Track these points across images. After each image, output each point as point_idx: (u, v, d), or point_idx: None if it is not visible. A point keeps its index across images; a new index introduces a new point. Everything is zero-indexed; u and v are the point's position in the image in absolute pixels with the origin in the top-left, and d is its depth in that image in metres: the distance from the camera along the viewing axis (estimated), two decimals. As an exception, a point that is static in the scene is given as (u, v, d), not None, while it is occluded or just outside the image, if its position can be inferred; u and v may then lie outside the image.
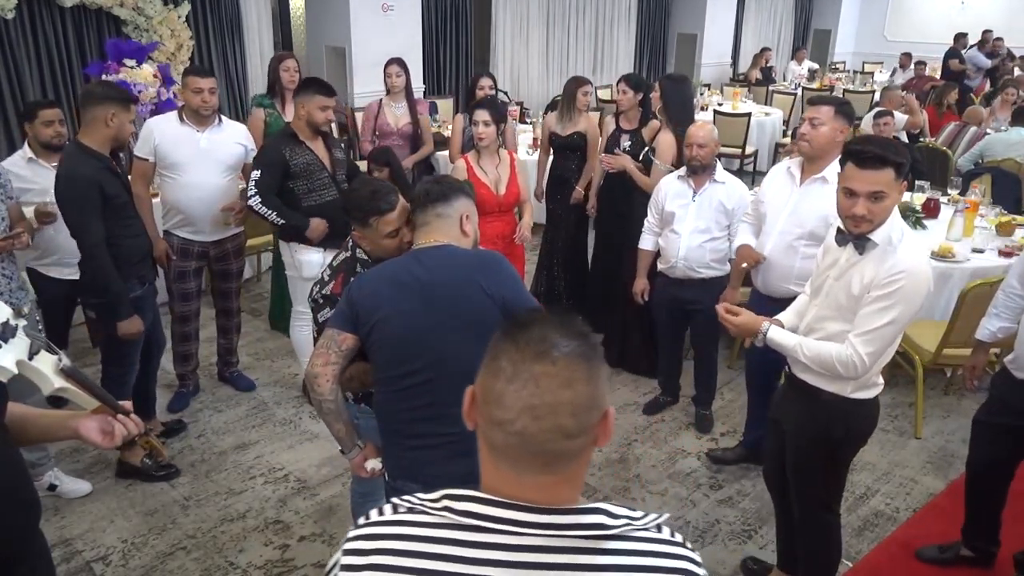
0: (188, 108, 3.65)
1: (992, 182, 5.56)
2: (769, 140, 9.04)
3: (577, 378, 0.92)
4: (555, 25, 10.47)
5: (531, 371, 0.91)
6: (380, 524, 0.99)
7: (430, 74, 9.19)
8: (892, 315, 2.10)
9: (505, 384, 0.92)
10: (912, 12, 14.73)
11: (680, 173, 3.65)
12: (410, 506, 0.98)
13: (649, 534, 0.97)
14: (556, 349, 0.92)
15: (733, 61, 13.08)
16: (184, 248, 3.73)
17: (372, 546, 0.96)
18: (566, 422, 0.91)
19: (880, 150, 2.06)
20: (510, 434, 0.91)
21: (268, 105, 4.44)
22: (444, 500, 0.95)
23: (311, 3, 8.39)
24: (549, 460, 0.93)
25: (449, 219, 2.02)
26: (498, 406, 0.92)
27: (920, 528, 3.16)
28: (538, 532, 0.92)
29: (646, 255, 3.84)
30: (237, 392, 4.14)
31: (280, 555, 2.98)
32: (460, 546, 0.93)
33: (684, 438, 3.84)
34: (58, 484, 3.25)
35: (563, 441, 0.91)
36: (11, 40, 5.94)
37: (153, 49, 6.08)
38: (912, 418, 3.94)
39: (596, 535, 0.93)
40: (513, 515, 0.92)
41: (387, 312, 1.92)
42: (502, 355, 0.94)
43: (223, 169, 3.71)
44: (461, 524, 0.93)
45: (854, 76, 11.74)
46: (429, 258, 1.96)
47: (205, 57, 7.11)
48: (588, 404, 0.93)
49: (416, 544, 0.94)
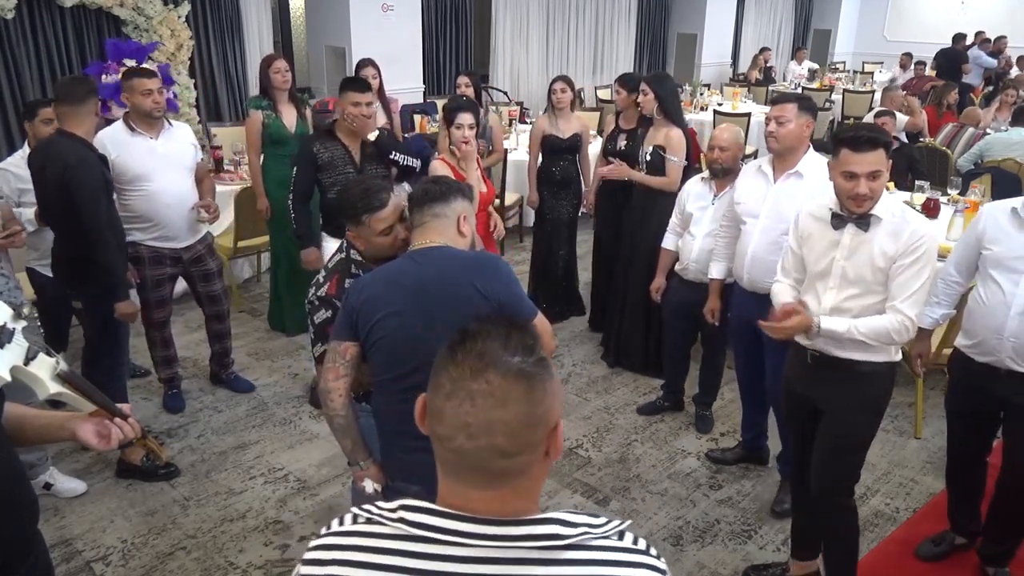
0: (137, 113, 3.49)
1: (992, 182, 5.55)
2: (769, 140, 9.02)
3: (513, 397, 0.89)
4: (555, 25, 10.47)
5: (467, 389, 0.90)
6: (339, 535, 0.99)
7: (430, 74, 9.19)
8: (925, 275, 2.31)
9: (444, 400, 0.91)
10: (912, 12, 14.73)
11: (704, 175, 3.65)
12: (368, 516, 0.98)
13: (609, 542, 0.95)
14: (494, 367, 0.90)
15: (733, 61, 13.08)
16: (155, 256, 3.63)
17: (329, 556, 0.97)
18: (500, 441, 0.89)
19: (870, 133, 2.29)
20: (448, 451, 0.92)
21: (265, 107, 4.41)
22: (400, 511, 0.95)
23: (311, 3, 8.40)
24: (489, 477, 0.92)
25: (446, 219, 2.01)
26: (438, 422, 0.92)
27: (920, 528, 3.16)
28: (489, 544, 0.91)
29: (667, 254, 3.83)
30: (238, 393, 4.14)
31: (280, 555, 2.98)
32: (413, 558, 0.93)
33: (684, 438, 3.84)
34: (53, 483, 3.25)
35: (499, 460, 0.90)
36: (11, 40, 5.94)
37: (153, 49, 6.08)
38: (912, 418, 3.95)
39: (550, 545, 0.91)
40: (464, 527, 0.92)
41: (384, 314, 1.93)
42: (443, 370, 0.93)
43: (184, 172, 3.64)
44: (414, 536, 0.93)
45: (854, 76, 11.74)
46: (425, 259, 1.96)
47: (205, 57, 7.11)
48: (525, 423, 0.90)
49: (371, 555, 0.95)
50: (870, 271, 2.34)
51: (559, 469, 3.54)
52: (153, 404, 4.00)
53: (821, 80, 11.08)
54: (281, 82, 4.41)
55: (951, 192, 5.29)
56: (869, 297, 2.37)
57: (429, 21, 8.96)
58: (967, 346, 2.69)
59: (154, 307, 3.76)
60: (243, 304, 5.18)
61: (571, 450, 3.71)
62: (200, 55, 7.04)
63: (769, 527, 3.20)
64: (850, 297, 2.39)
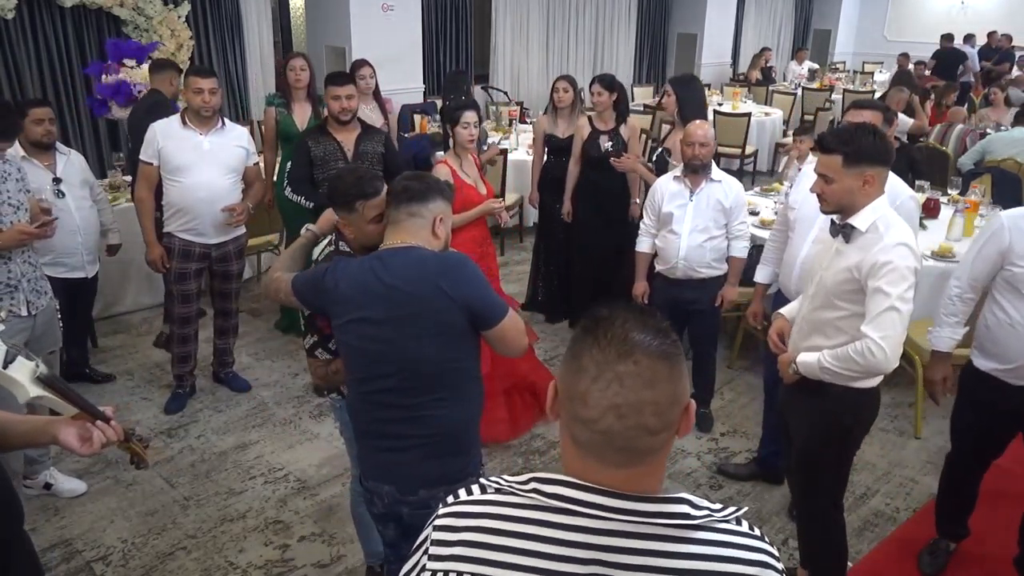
0: (190, 110, 3.66)
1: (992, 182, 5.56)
2: (769, 140, 9.04)
3: (660, 377, 0.93)
4: (555, 25, 10.47)
5: (615, 371, 0.92)
6: (470, 503, 1.01)
7: (430, 74, 9.18)
8: (890, 299, 2.14)
9: (589, 384, 0.93)
10: (912, 12, 14.72)
11: (676, 173, 3.65)
12: (498, 487, 1.00)
13: (730, 526, 0.98)
14: (638, 348, 0.93)
15: (733, 61, 13.07)
16: (185, 250, 3.73)
17: (463, 523, 0.99)
18: (650, 420, 0.93)
19: (830, 137, 2.23)
20: (595, 432, 0.93)
21: (279, 104, 4.49)
22: (533, 483, 0.98)
23: (311, 3, 8.39)
24: (633, 455, 0.95)
25: (422, 220, 1.99)
26: (583, 405, 0.94)
27: (920, 528, 3.16)
28: (625, 518, 0.93)
29: (644, 257, 3.82)
30: (236, 392, 4.14)
31: (280, 555, 2.98)
32: (549, 527, 0.95)
33: (684, 438, 3.84)
34: (54, 483, 3.25)
35: (647, 438, 0.94)
36: (11, 40, 5.94)
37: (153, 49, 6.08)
38: (912, 418, 3.94)
39: (681, 523, 0.94)
40: (601, 500, 0.94)
41: (351, 319, 1.94)
42: (584, 354, 0.95)
43: (226, 171, 3.72)
44: (550, 506, 0.96)
45: (854, 76, 11.74)
46: (394, 261, 1.93)
47: (205, 57, 7.11)
48: (670, 401, 0.94)
49: (507, 523, 0.97)
50: (832, 281, 2.26)
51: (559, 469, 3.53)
52: (152, 405, 4.01)
53: (821, 80, 11.08)
54: (294, 80, 4.47)
55: (951, 192, 5.30)
56: (826, 311, 2.29)
57: (429, 21, 8.96)
58: (998, 370, 2.56)
59: (178, 302, 3.83)
60: (243, 304, 5.18)
61: (571, 450, 3.71)
62: (200, 55, 7.04)
63: (769, 527, 3.19)
64: (815, 308, 2.35)
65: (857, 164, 2.17)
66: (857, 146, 2.17)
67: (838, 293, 2.25)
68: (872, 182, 2.19)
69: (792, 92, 10.16)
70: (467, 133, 3.58)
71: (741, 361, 4.57)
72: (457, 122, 3.60)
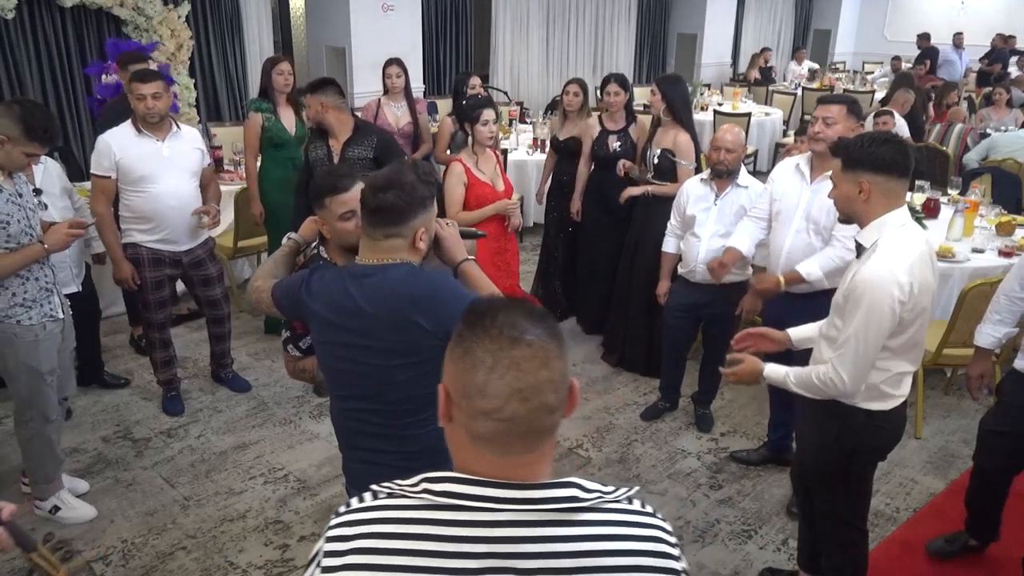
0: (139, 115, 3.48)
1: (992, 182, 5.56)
2: (769, 140, 9.05)
3: (552, 355, 0.96)
4: (555, 25, 10.47)
5: (510, 356, 0.94)
6: (361, 510, 1.01)
7: (430, 74, 9.19)
8: (851, 329, 2.07)
9: (487, 374, 0.94)
10: (912, 12, 14.72)
11: (704, 176, 3.62)
12: (390, 491, 1.01)
13: (620, 505, 1.01)
14: (528, 332, 0.96)
15: (733, 61, 13.08)
16: (155, 258, 3.63)
17: (354, 531, 0.99)
18: (549, 399, 0.96)
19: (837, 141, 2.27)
20: (500, 421, 0.94)
21: (265, 109, 4.38)
22: (423, 483, 0.98)
23: (311, 3, 8.40)
24: (535, 438, 0.97)
25: (401, 239, 1.80)
26: (482, 396, 0.94)
27: (920, 528, 3.16)
28: (515, 507, 0.95)
29: (669, 258, 3.82)
30: (236, 392, 4.14)
31: (280, 555, 2.98)
32: (440, 525, 0.96)
33: (684, 438, 3.84)
34: (61, 507, 3.13)
35: (547, 417, 0.97)
36: (11, 40, 5.94)
37: (153, 49, 6.07)
38: (912, 418, 3.94)
39: (570, 507, 0.96)
40: (491, 492, 0.95)
41: (328, 342, 1.88)
42: (476, 347, 0.96)
43: (189, 176, 3.63)
44: (440, 504, 0.96)
45: (854, 76, 11.75)
46: (367, 284, 1.78)
47: (205, 57, 7.12)
48: (563, 378, 0.98)
49: (396, 526, 0.97)
50: (833, 301, 2.21)
51: (559, 469, 3.54)
52: (152, 405, 4.00)
53: (821, 80, 11.08)
54: (283, 84, 4.38)
55: (951, 192, 5.30)
56: (830, 328, 2.22)
57: (429, 21, 8.96)
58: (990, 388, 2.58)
59: (154, 308, 3.75)
60: (243, 304, 5.18)
61: (571, 450, 3.71)
62: (200, 55, 7.05)
63: (769, 527, 3.20)
64: (826, 323, 2.30)
65: (852, 169, 2.10)
66: (851, 151, 2.11)
67: (836, 311, 2.19)
68: (868, 191, 2.08)
69: (792, 92, 10.17)
70: (487, 130, 3.64)
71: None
72: (477, 120, 3.64)
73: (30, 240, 2.78)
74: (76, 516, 3.13)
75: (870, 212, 2.11)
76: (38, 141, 2.71)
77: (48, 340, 2.90)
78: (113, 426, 3.83)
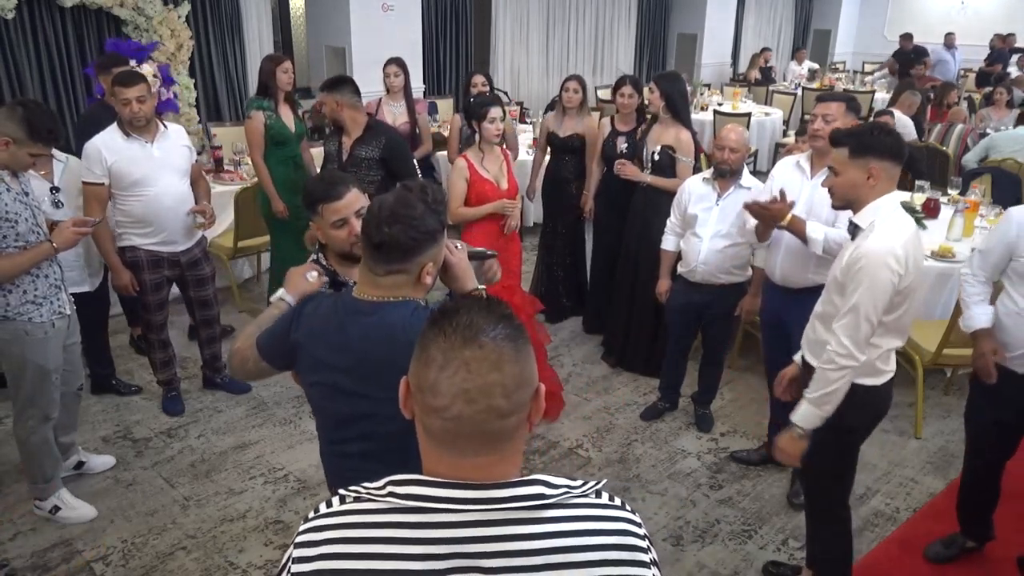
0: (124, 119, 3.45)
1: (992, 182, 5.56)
2: (769, 140, 9.05)
3: (505, 359, 0.95)
4: (555, 25, 10.47)
5: (461, 356, 0.94)
6: (328, 515, 1.02)
7: (430, 74, 9.19)
8: (853, 300, 2.20)
9: (437, 372, 0.95)
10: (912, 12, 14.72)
11: (706, 175, 3.61)
12: (356, 495, 1.01)
13: (588, 500, 1.01)
14: (483, 334, 0.95)
15: (733, 61, 13.08)
16: (154, 260, 3.63)
17: (321, 536, 1.00)
18: (498, 402, 0.94)
19: (838, 131, 2.33)
20: (447, 420, 0.95)
21: (267, 107, 4.37)
22: (388, 487, 0.98)
23: (311, 3, 8.40)
24: (486, 441, 0.96)
25: (405, 275, 1.63)
26: (432, 394, 0.96)
27: (920, 528, 3.16)
28: (479, 507, 0.95)
29: (668, 256, 3.82)
30: (236, 394, 4.13)
31: (280, 555, 2.97)
32: (406, 528, 0.96)
33: (684, 438, 3.84)
34: (61, 507, 3.14)
35: (497, 421, 0.95)
36: (11, 40, 5.94)
37: (153, 49, 6.07)
38: (912, 418, 3.94)
39: (535, 505, 0.96)
40: (454, 493, 0.95)
41: (319, 381, 1.76)
42: (431, 345, 0.97)
43: (181, 175, 3.62)
44: (405, 507, 0.97)
45: (854, 76, 11.75)
46: (368, 324, 1.64)
47: (205, 57, 7.11)
48: (518, 383, 0.96)
49: (362, 531, 0.98)
50: (831, 279, 2.36)
51: (559, 469, 3.54)
52: (152, 405, 4.00)
53: (821, 80, 11.07)
54: (287, 82, 4.40)
55: (951, 192, 5.30)
56: (827, 306, 2.38)
57: (429, 21, 8.96)
58: (1005, 358, 2.63)
59: (153, 310, 3.75)
60: (243, 304, 5.18)
61: (571, 450, 3.71)
62: (200, 55, 7.04)
63: (769, 527, 3.20)
64: (822, 302, 2.43)
65: (862, 155, 2.23)
66: (864, 139, 2.23)
67: (834, 288, 2.32)
68: (877, 175, 2.23)
69: (792, 92, 10.17)
70: (494, 128, 3.68)
71: (741, 361, 4.57)
72: (484, 117, 3.68)
73: (37, 238, 2.81)
74: (76, 516, 3.14)
75: (871, 196, 2.27)
76: (42, 142, 2.75)
77: (56, 337, 2.94)
78: (113, 426, 3.83)
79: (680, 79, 4.22)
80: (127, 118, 3.40)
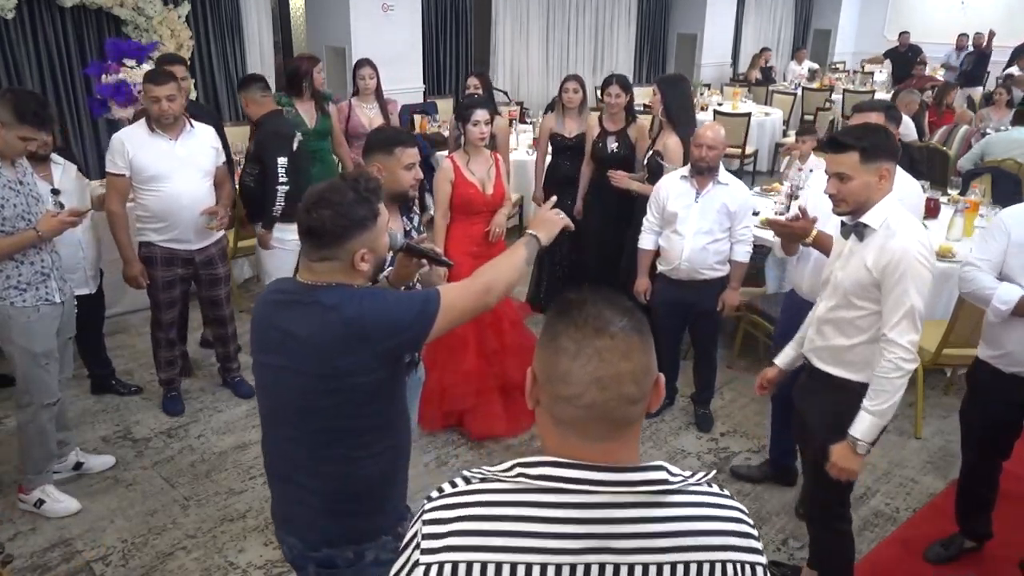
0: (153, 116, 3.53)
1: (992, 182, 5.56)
2: (769, 140, 9.04)
3: (634, 349, 1.00)
4: (555, 25, 10.46)
5: (593, 346, 0.99)
6: (457, 494, 1.04)
7: (430, 74, 9.19)
8: (911, 297, 2.17)
9: (570, 361, 0.99)
10: (912, 12, 14.71)
11: (683, 173, 3.62)
12: (483, 476, 1.04)
13: (704, 488, 1.05)
14: (612, 324, 1.00)
15: (733, 61, 13.07)
16: (168, 257, 3.66)
17: (452, 515, 1.01)
18: (629, 389, 0.99)
19: (842, 136, 2.25)
20: (579, 407, 0.99)
21: (287, 103, 4.48)
22: (517, 468, 1.01)
23: (311, 3, 8.39)
24: (615, 426, 1.01)
25: (339, 262, 1.69)
26: (564, 383, 0.99)
27: (920, 528, 3.16)
28: (610, 489, 0.98)
29: (646, 254, 3.81)
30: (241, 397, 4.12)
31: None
32: (540, 507, 0.98)
33: (684, 438, 3.84)
34: (46, 500, 3.15)
35: (627, 407, 1.00)
36: (11, 40, 5.94)
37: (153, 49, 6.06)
38: (912, 418, 3.94)
39: (660, 489, 1.00)
40: (587, 475, 0.99)
41: (256, 360, 1.80)
42: (562, 335, 1.01)
43: (203, 175, 3.65)
44: (538, 487, 0.99)
45: (854, 76, 11.74)
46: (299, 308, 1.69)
47: (205, 57, 7.11)
48: (645, 371, 1.01)
49: (496, 509, 1.00)
50: (850, 282, 2.28)
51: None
52: (152, 405, 4.00)
53: (821, 80, 11.08)
54: (321, 82, 4.63)
55: (951, 192, 5.30)
56: (845, 311, 2.31)
57: (429, 21, 8.96)
58: (993, 357, 2.64)
59: (163, 308, 3.78)
60: (243, 304, 5.18)
61: (571, 450, 3.71)
62: (200, 55, 7.04)
63: (769, 527, 3.20)
64: (832, 308, 2.36)
65: (875, 159, 2.20)
66: (873, 141, 2.21)
67: (857, 292, 2.27)
68: (887, 176, 2.24)
69: (792, 92, 10.16)
70: (477, 131, 3.62)
71: (741, 361, 4.57)
72: (468, 120, 3.64)
73: (26, 227, 2.86)
74: (60, 509, 3.16)
75: (879, 197, 2.25)
76: (29, 124, 2.79)
77: (42, 322, 2.98)
78: (113, 426, 3.83)
79: (681, 82, 4.21)
80: (155, 115, 3.48)
